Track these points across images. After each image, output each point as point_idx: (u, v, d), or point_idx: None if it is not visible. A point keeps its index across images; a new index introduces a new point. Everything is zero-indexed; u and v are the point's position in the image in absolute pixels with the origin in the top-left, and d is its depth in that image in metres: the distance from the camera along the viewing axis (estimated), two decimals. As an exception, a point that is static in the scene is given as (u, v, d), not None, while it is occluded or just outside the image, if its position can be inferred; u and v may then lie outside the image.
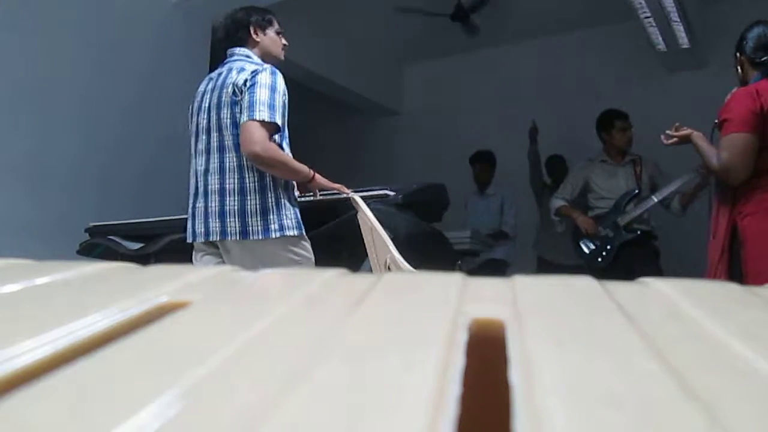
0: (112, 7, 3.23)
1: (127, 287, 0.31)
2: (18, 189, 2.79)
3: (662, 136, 2.03)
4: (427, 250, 1.95)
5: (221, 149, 1.77)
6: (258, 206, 1.73)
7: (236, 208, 1.73)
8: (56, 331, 0.22)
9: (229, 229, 1.73)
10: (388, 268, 1.24)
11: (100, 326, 0.23)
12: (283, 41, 1.94)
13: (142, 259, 2.27)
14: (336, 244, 1.95)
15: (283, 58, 1.93)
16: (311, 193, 1.93)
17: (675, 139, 2.00)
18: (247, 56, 1.84)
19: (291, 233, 1.75)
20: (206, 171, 1.79)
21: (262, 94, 1.69)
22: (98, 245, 2.45)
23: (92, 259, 2.46)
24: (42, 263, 0.35)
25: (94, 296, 0.29)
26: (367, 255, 1.50)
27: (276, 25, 1.92)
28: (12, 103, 2.81)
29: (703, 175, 2.57)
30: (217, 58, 1.95)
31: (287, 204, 1.78)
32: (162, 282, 0.30)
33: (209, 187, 1.77)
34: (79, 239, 2.49)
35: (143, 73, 3.33)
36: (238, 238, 1.73)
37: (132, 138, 3.24)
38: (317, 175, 1.84)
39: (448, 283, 0.29)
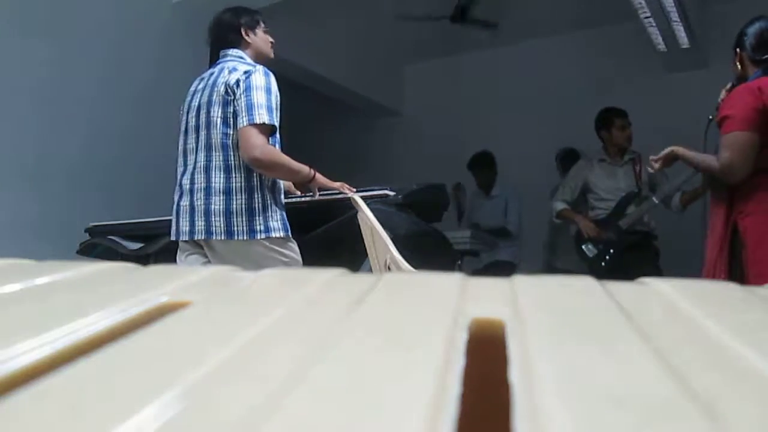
0: (113, 8, 3.23)
1: (127, 287, 0.31)
2: (19, 189, 2.79)
3: (648, 168, 2.04)
4: (427, 250, 1.94)
5: (208, 147, 1.75)
6: (244, 206, 1.72)
7: (222, 207, 1.72)
8: (56, 331, 0.22)
9: (214, 228, 1.71)
10: (388, 268, 1.24)
11: (100, 326, 0.23)
12: (270, 39, 1.94)
13: (142, 259, 2.27)
14: (336, 244, 1.95)
15: (272, 55, 1.93)
16: (311, 193, 1.93)
17: (661, 163, 2.00)
18: (240, 57, 1.84)
19: (276, 235, 1.74)
20: (193, 169, 1.78)
21: (258, 96, 1.69)
22: (98, 245, 2.45)
23: (92, 259, 2.46)
24: (42, 263, 0.35)
25: (94, 296, 0.29)
26: (367, 255, 1.50)
27: (263, 24, 1.92)
28: (14, 103, 2.82)
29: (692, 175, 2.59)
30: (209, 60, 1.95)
31: (273, 206, 1.77)
32: (162, 282, 0.30)
33: (195, 185, 1.76)
34: (79, 239, 2.49)
35: (144, 74, 3.33)
36: (223, 237, 1.71)
37: (133, 138, 3.24)
38: (317, 174, 1.84)
39: (448, 283, 0.29)
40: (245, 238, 1.71)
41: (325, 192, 1.92)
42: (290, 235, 1.79)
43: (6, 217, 2.70)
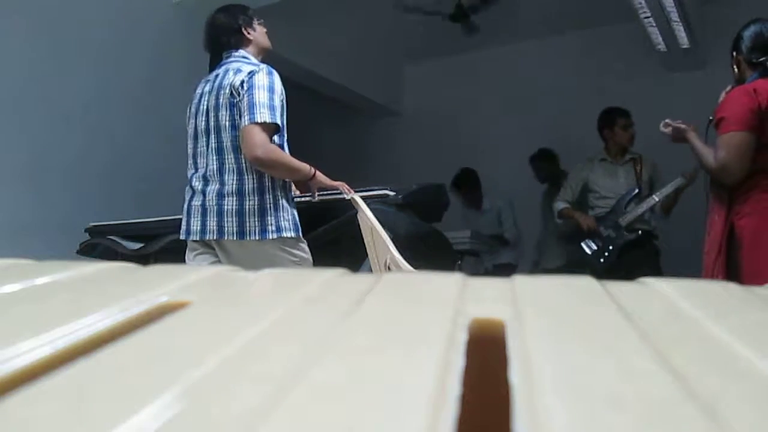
0: (113, 7, 3.23)
1: (127, 287, 0.31)
2: (19, 189, 2.79)
3: (661, 124, 2.01)
4: (427, 250, 1.94)
5: (220, 151, 1.77)
6: (256, 207, 1.74)
7: (234, 208, 1.73)
8: (56, 331, 0.22)
9: (226, 228, 1.73)
10: (388, 268, 1.24)
11: (100, 326, 0.23)
12: (264, 29, 1.94)
13: (142, 259, 2.27)
14: (336, 244, 1.95)
15: (271, 46, 1.94)
16: (310, 193, 1.93)
17: (670, 129, 1.98)
18: (244, 57, 1.85)
19: (288, 234, 1.75)
20: (205, 172, 1.80)
21: (260, 95, 1.70)
22: (98, 245, 2.45)
23: (92, 259, 2.46)
24: (42, 263, 0.35)
25: (94, 296, 0.29)
26: (367, 255, 1.51)
27: (255, 18, 1.92)
28: (14, 102, 2.81)
29: (688, 178, 2.62)
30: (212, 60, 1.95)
31: (285, 205, 1.78)
32: (162, 282, 0.30)
33: (207, 186, 1.78)
34: (79, 239, 2.49)
35: (144, 73, 3.33)
36: (235, 237, 1.72)
37: (133, 138, 3.24)
38: (317, 173, 1.84)
39: (448, 283, 0.29)
40: (257, 238, 1.72)
41: (325, 192, 1.92)
42: (301, 235, 1.80)
43: (5, 217, 2.70)
